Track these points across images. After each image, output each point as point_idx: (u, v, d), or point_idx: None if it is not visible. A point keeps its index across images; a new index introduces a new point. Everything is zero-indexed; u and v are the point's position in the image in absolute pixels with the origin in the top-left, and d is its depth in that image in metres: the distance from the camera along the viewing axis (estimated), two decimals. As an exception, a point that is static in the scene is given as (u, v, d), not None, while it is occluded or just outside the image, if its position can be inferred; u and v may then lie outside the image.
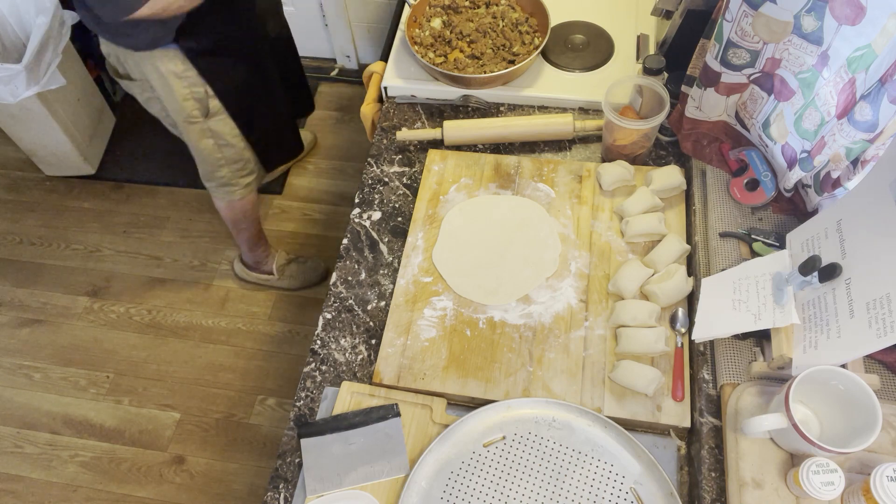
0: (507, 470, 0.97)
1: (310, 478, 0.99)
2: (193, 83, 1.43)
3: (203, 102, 1.48)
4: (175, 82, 1.41)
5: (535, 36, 1.43)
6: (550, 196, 1.24)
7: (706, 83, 1.11)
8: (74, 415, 2.08)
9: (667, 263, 1.12)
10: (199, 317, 2.25)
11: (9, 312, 2.30)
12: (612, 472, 0.96)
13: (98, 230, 2.46)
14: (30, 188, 2.59)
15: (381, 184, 1.31)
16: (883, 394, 0.94)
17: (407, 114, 1.41)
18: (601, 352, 1.06)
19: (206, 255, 2.38)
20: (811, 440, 0.80)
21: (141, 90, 1.48)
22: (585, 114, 1.37)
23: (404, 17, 1.49)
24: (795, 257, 0.97)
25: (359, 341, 1.13)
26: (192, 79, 1.42)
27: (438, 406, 1.03)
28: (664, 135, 1.30)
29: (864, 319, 0.82)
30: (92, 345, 2.21)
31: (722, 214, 1.13)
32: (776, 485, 0.87)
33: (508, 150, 1.34)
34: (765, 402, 0.92)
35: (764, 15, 0.95)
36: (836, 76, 0.93)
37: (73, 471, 1.99)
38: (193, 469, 1.97)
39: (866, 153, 0.92)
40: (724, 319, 0.97)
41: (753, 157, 1.13)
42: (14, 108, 2.19)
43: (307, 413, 1.07)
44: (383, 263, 1.21)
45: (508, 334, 1.09)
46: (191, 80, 1.42)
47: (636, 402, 1.01)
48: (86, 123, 2.49)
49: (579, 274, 1.14)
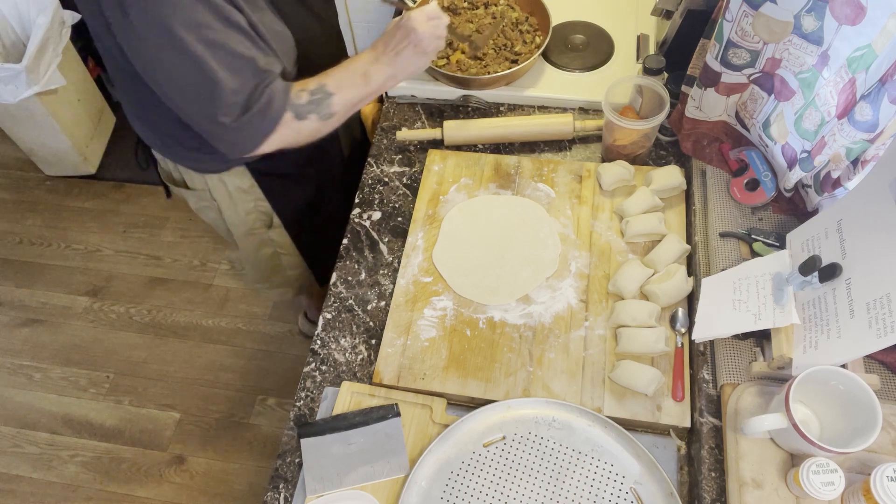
0: (507, 470, 0.97)
1: (310, 478, 0.99)
2: (258, 198, 1.36)
3: (268, 215, 1.41)
4: (240, 197, 1.34)
5: (536, 35, 1.43)
6: (550, 196, 1.24)
7: (706, 83, 1.11)
8: (74, 415, 2.08)
9: (667, 263, 1.12)
10: (199, 317, 2.25)
11: (9, 312, 2.30)
12: (612, 472, 0.96)
13: (98, 230, 2.46)
14: (30, 188, 2.59)
15: (381, 184, 1.31)
16: (883, 394, 0.94)
17: (407, 114, 1.41)
18: (601, 352, 1.06)
19: (206, 255, 2.38)
20: (811, 440, 0.80)
21: (198, 199, 1.37)
22: (585, 114, 1.37)
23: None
24: (795, 257, 0.97)
25: (359, 341, 1.13)
26: (257, 194, 1.35)
27: (438, 406, 1.03)
28: (664, 135, 1.30)
29: (864, 319, 0.82)
30: (92, 345, 2.21)
31: (722, 214, 1.13)
32: (776, 485, 0.87)
33: (508, 150, 1.34)
34: (765, 402, 0.92)
35: (764, 15, 0.95)
36: (836, 76, 0.93)
37: (73, 471, 1.99)
38: (193, 469, 1.97)
39: (866, 153, 0.92)
40: (724, 319, 0.97)
41: (753, 157, 1.13)
42: (14, 108, 2.19)
43: (307, 413, 1.07)
44: (383, 263, 1.21)
45: (508, 334, 1.09)
46: (256, 195, 1.35)
47: (636, 402, 1.01)
48: (86, 123, 2.49)
49: (579, 274, 1.14)
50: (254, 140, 1.06)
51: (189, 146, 1.21)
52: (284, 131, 1.06)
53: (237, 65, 0.98)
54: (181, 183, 1.36)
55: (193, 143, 1.18)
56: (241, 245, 1.49)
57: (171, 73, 0.97)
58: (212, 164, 1.25)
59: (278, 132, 1.05)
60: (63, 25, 2.12)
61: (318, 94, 1.07)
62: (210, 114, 1.00)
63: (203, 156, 1.23)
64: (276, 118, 1.03)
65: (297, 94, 1.06)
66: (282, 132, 1.06)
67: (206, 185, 1.31)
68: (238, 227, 1.42)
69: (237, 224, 1.40)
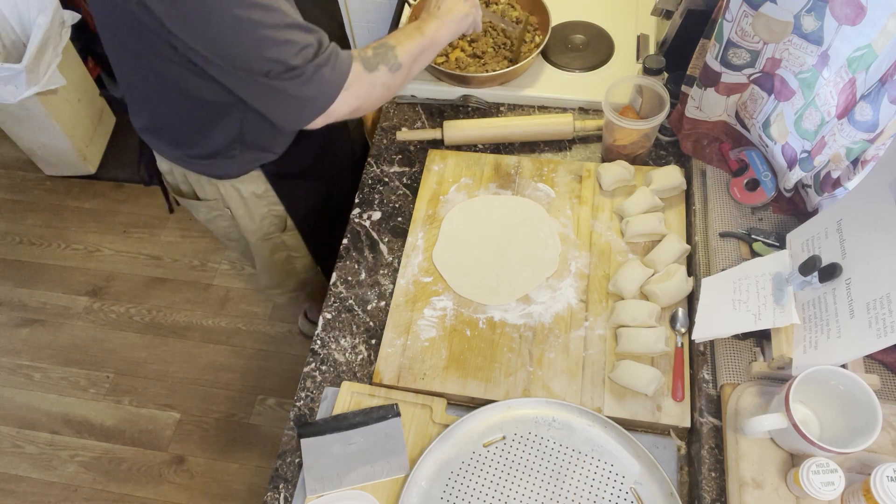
0: (507, 470, 0.97)
1: (310, 478, 0.99)
2: (273, 202, 1.35)
3: (282, 219, 1.41)
4: (255, 202, 1.33)
5: (536, 34, 1.43)
6: (550, 196, 1.24)
7: (706, 83, 1.11)
8: (74, 415, 2.08)
9: (667, 263, 1.12)
10: (199, 317, 2.25)
11: (9, 312, 2.30)
12: (612, 472, 0.96)
13: (98, 230, 2.46)
14: (30, 188, 2.59)
15: (381, 184, 1.31)
16: (883, 394, 0.94)
17: (407, 114, 1.41)
18: (601, 352, 1.06)
19: (206, 255, 2.38)
20: (811, 440, 0.80)
21: (209, 209, 1.36)
22: (585, 114, 1.37)
23: (404, 18, 1.49)
24: (795, 257, 0.97)
25: (359, 341, 1.13)
26: (271, 198, 1.34)
27: (438, 406, 1.03)
28: (664, 135, 1.30)
29: (864, 319, 0.82)
30: (92, 345, 2.21)
31: (722, 214, 1.13)
32: (776, 485, 0.87)
33: (508, 150, 1.34)
34: (765, 402, 0.92)
35: (764, 15, 0.95)
36: (836, 76, 0.93)
37: (73, 471, 1.99)
38: (193, 469, 1.97)
39: (866, 153, 0.92)
40: (724, 319, 0.97)
41: (753, 157, 1.13)
42: (14, 108, 2.19)
43: (307, 413, 1.07)
44: (383, 263, 1.21)
45: (508, 334, 1.09)
46: (270, 199, 1.34)
47: (636, 402, 1.01)
48: (86, 123, 2.49)
49: (579, 274, 1.14)
50: (329, 94, 1.02)
51: (206, 152, 1.19)
52: (358, 85, 1.04)
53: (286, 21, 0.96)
54: (190, 195, 1.35)
55: (211, 148, 1.17)
56: (255, 251, 1.49)
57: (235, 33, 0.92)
58: (228, 169, 1.23)
59: (352, 86, 1.03)
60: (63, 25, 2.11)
61: (381, 49, 1.07)
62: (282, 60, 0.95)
63: (220, 161, 1.21)
64: (345, 69, 1.02)
65: (361, 51, 1.06)
66: (356, 86, 1.04)
67: (220, 193, 1.29)
68: (253, 234, 1.41)
69: (252, 230, 1.40)
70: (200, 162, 1.23)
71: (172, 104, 1.10)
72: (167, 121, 1.17)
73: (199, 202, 1.35)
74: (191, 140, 1.17)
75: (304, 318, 2.15)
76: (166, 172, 1.35)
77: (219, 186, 1.28)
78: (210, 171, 1.25)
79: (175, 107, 1.10)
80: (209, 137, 1.14)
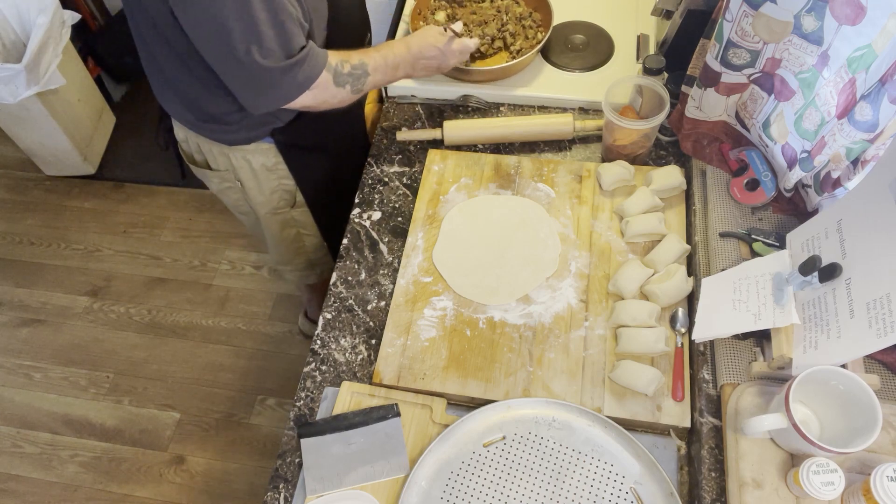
0: (507, 470, 0.97)
1: (310, 478, 0.99)
2: (283, 176, 1.37)
3: (291, 194, 1.42)
4: (265, 175, 1.35)
5: (539, 31, 1.43)
6: (550, 196, 1.24)
7: (706, 83, 1.11)
8: (74, 415, 2.08)
9: (667, 263, 1.12)
10: (199, 317, 2.25)
11: (9, 312, 2.30)
12: (612, 472, 0.96)
13: (98, 230, 2.46)
14: (30, 188, 2.59)
15: (381, 184, 1.31)
16: (883, 394, 0.94)
17: (407, 114, 1.41)
18: (601, 352, 1.06)
19: (206, 255, 2.38)
20: (811, 440, 0.80)
21: (221, 180, 1.39)
22: (585, 114, 1.37)
23: (407, 11, 1.49)
24: (795, 257, 0.97)
25: (359, 341, 1.13)
26: (281, 171, 1.36)
27: (438, 406, 1.03)
28: (664, 135, 1.30)
29: (864, 319, 0.82)
30: (92, 345, 2.21)
31: (722, 214, 1.13)
32: (776, 485, 0.87)
33: (508, 150, 1.34)
34: (765, 402, 0.92)
35: (764, 15, 0.95)
36: (836, 76, 0.93)
37: (73, 471, 1.99)
38: (193, 469, 1.97)
39: (866, 153, 0.92)
40: (724, 319, 0.97)
41: (753, 157, 1.13)
42: (14, 108, 2.19)
43: (307, 413, 1.07)
44: (383, 263, 1.21)
45: (508, 334, 1.09)
46: (280, 172, 1.36)
47: (636, 402, 1.01)
48: (86, 123, 2.49)
49: (579, 274, 1.14)
50: (290, 92, 1.09)
51: (216, 113, 1.21)
52: (320, 91, 1.11)
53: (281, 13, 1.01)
54: (203, 164, 1.38)
55: (220, 109, 1.19)
56: (265, 226, 1.52)
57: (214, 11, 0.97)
58: (238, 135, 1.26)
59: (314, 90, 1.10)
60: (63, 25, 2.11)
61: (358, 70, 1.15)
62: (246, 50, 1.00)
63: (230, 126, 1.24)
64: (314, 75, 1.08)
65: (340, 63, 1.13)
66: (317, 91, 1.11)
67: (231, 164, 1.33)
68: (262, 207, 1.43)
69: (261, 204, 1.42)
70: (210, 126, 1.26)
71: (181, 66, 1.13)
72: (178, 81, 1.19)
73: (211, 172, 1.38)
74: (202, 100, 1.20)
75: (304, 317, 2.16)
76: (182, 140, 1.38)
77: (231, 157, 1.31)
78: (220, 136, 1.27)
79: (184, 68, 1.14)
80: (214, 94, 1.16)
